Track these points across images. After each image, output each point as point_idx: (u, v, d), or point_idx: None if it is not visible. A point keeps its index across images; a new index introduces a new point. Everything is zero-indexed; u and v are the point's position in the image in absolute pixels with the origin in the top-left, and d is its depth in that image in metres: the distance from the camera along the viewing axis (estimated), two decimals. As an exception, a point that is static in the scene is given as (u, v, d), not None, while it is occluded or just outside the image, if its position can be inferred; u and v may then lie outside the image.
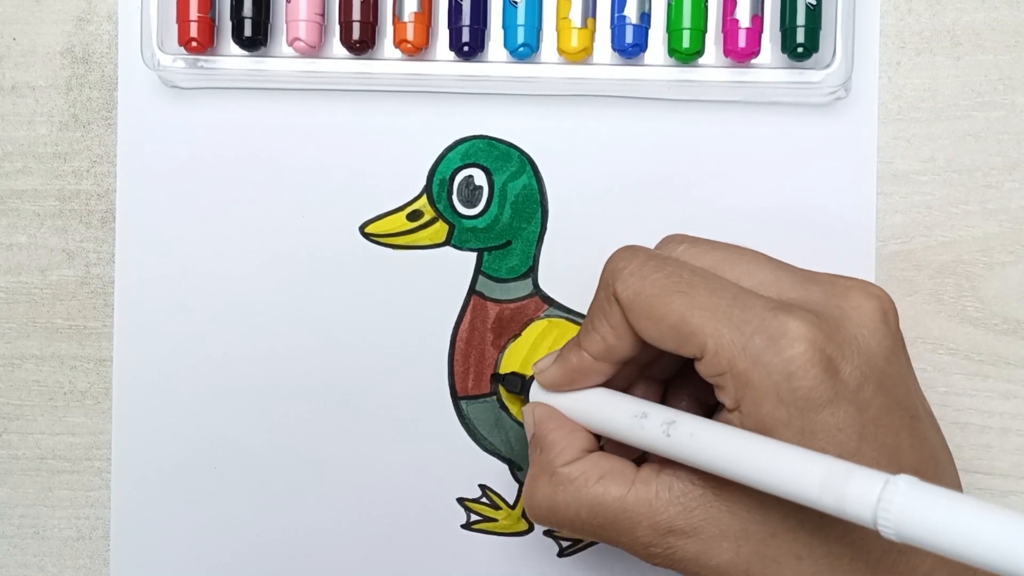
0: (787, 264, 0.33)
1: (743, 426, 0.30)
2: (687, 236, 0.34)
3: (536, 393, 0.36)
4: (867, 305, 0.31)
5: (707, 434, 0.29)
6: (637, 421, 0.31)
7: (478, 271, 0.39)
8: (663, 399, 0.36)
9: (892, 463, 0.29)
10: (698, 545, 0.30)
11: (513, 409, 0.40)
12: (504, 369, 0.39)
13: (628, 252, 0.33)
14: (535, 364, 0.36)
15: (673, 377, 0.36)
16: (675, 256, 0.33)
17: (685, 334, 0.30)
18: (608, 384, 0.34)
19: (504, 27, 0.38)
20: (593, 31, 0.38)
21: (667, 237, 0.35)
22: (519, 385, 0.37)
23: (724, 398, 0.30)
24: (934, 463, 0.31)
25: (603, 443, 0.35)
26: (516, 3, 0.37)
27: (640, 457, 0.34)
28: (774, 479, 0.27)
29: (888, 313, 0.31)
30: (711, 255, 0.33)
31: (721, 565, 0.30)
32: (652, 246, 0.34)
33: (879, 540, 0.27)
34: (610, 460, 0.33)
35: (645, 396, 0.35)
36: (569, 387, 0.34)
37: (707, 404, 0.35)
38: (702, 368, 0.30)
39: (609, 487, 0.32)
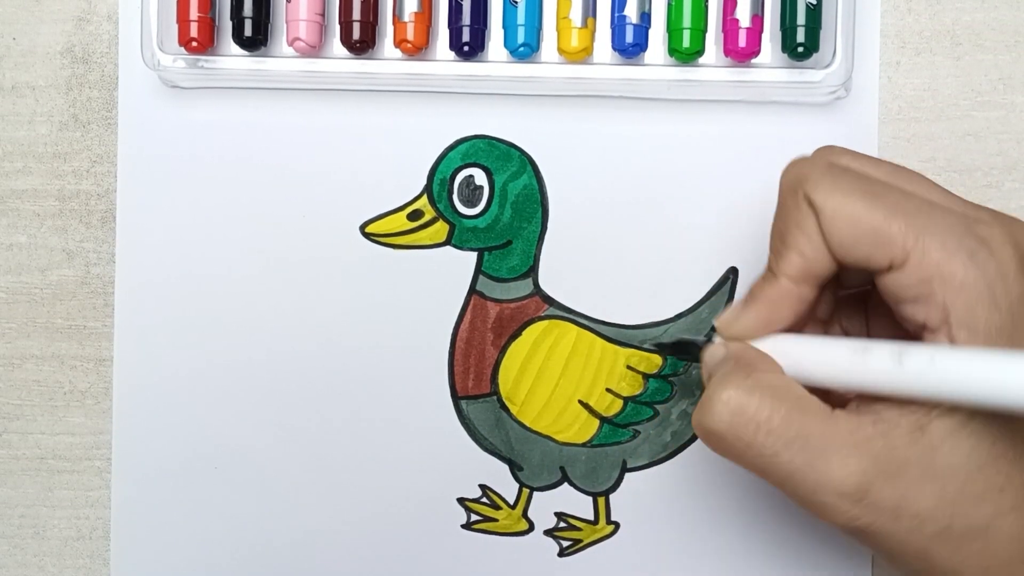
0: (949, 191, 0.31)
1: (953, 341, 0.28)
2: (846, 149, 0.32)
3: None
4: None
5: (951, 358, 0.27)
6: (859, 356, 0.28)
7: (478, 271, 0.39)
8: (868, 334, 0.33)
9: None
10: (899, 490, 0.28)
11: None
12: (504, 370, 0.39)
13: (806, 159, 0.31)
14: (717, 322, 0.32)
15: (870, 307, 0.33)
16: (843, 165, 0.31)
17: (886, 237, 0.28)
18: (795, 327, 0.31)
19: (504, 27, 0.38)
20: (593, 31, 0.38)
21: (824, 147, 0.32)
22: (693, 351, 0.33)
23: (929, 310, 0.28)
24: None
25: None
26: (516, 3, 0.37)
27: None
28: None
29: None
30: (881, 169, 0.31)
31: (922, 512, 0.28)
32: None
33: None
34: (805, 390, 0.30)
35: (848, 326, 0.33)
36: (765, 329, 0.31)
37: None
38: (902, 278, 0.28)
39: (809, 406, 0.29)
